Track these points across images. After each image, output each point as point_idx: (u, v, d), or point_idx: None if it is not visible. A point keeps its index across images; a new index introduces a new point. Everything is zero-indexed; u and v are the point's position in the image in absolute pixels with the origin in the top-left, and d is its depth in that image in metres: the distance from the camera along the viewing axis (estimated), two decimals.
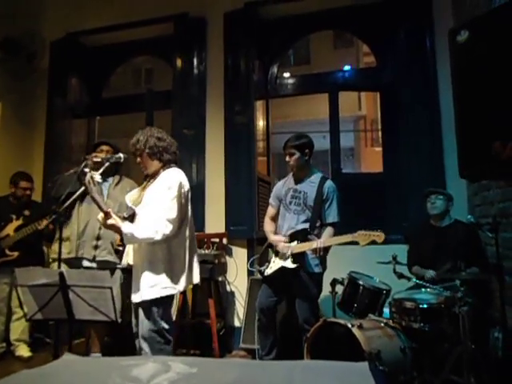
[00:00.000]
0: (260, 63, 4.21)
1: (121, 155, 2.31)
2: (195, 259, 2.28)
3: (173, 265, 2.13)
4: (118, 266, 2.68)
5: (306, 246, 2.58)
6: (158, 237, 2.04)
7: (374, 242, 3.45)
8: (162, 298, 2.09)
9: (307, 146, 2.72)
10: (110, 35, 4.44)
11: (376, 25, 3.92)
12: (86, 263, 2.82)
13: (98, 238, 2.79)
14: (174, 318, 2.64)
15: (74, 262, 2.81)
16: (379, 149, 6.00)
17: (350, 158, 11.64)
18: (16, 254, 3.30)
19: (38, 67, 4.46)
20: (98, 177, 2.08)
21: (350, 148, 11.67)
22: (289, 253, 2.62)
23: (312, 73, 5.80)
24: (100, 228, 2.73)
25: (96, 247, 2.79)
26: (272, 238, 2.80)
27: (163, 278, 2.10)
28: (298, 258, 2.61)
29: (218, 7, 4.08)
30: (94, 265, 2.81)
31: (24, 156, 4.38)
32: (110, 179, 2.96)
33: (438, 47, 3.47)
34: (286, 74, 4.69)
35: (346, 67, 7.02)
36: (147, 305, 2.12)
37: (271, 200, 2.95)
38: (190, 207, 2.29)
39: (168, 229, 2.05)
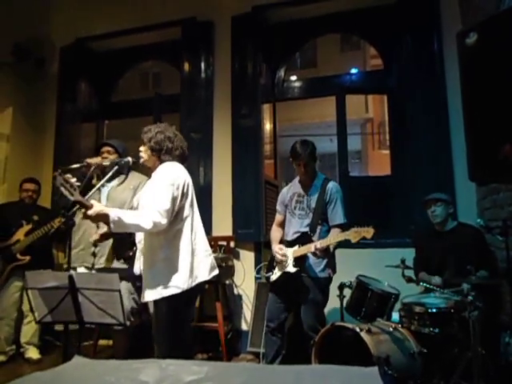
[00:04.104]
0: (267, 66, 4.23)
1: (129, 159, 2.30)
2: (202, 255, 2.18)
3: (174, 264, 2.07)
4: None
5: (305, 249, 2.56)
6: (148, 225, 1.94)
7: (384, 245, 3.46)
8: (164, 298, 2.05)
9: (315, 151, 2.70)
10: (119, 40, 4.49)
11: (383, 27, 3.91)
12: (82, 270, 2.73)
13: (96, 244, 2.66)
14: None
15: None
16: (386, 151, 5.97)
17: (357, 161, 11.61)
18: (28, 258, 3.33)
19: (47, 72, 4.52)
20: (72, 179, 1.95)
21: (357, 151, 11.65)
22: (289, 260, 2.63)
23: (319, 76, 5.82)
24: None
25: (94, 254, 2.71)
26: (273, 247, 2.80)
27: (164, 278, 2.05)
28: (299, 261, 2.59)
29: (226, 11, 4.10)
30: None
31: (34, 160, 4.44)
32: (115, 181, 2.87)
33: (446, 49, 3.45)
34: (293, 78, 4.71)
35: (353, 70, 7.01)
36: (154, 307, 2.12)
37: (278, 207, 2.93)
38: (193, 203, 2.22)
39: (158, 219, 1.96)
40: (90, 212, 1.90)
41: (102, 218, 1.91)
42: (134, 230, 2.07)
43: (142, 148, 2.24)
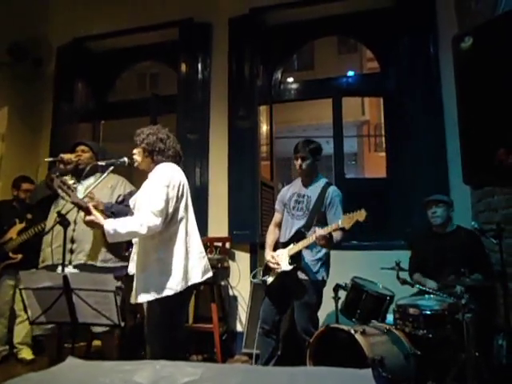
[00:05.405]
0: (264, 68, 4.23)
1: (125, 159, 2.30)
2: (196, 257, 2.18)
3: (168, 265, 2.07)
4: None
5: (301, 245, 2.56)
6: (143, 230, 1.97)
7: (379, 247, 3.46)
8: (158, 300, 2.05)
9: (318, 151, 2.74)
10: (116, 40, 4.49)
11: (380, 31, 3.94)
12: (60, 270, 2.53)
13: (73, 240, 2.53)
14: None
15: (51, 270, 2.49)
16: (382, 154, 5.98)
17: (353, 163, 11.65)
18: (20, 256, 3.31)
19: (44, 72, 4.50)
20: (70, 181, 1.99)
21: (354, 153, 11.69)
22: (284, 260, 2.63)
23: (316, 78, 5.83)
24: (74, 230, 2.52)
25: (71, 251, 2.53)
26: (266, 254, 2.78)
27: (158, 280, 2.05)
28: (295, 258, 2.59)
29: (223, 13, 4.11)
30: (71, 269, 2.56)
31: (29, 159, 4.41)
32: (91, 179, 2.70)
33: (442, 53, 3.47)
34: (290, 79, 4.72)
35: (350, 72, 7.03)
36: (147, 308, 2.12)
37: (276, 205, 2.92)
38: (188, 204, 2.22)
39: (153, 221, 1.98)
40: (86, 219, 1.98)
41: (96, 225, 1.99)
42: (131, 237, 2.10)
43: (135, 150, 2.25)
